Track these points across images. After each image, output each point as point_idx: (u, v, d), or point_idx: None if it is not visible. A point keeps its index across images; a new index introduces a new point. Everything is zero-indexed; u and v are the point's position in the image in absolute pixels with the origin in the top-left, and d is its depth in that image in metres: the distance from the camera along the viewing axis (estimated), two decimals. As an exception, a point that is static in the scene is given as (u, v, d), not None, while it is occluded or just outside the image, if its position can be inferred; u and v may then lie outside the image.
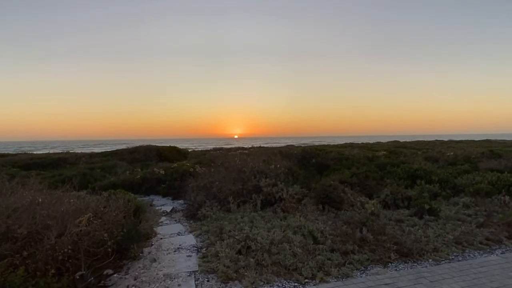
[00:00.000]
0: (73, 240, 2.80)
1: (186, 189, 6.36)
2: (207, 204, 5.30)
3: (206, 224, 4.65)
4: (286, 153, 10.38)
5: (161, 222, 5.08)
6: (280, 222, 4.37)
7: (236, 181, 5.75)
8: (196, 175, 7.19)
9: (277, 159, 7.53)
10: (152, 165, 10.63)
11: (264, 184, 5.56)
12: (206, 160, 10.95)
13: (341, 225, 4.15)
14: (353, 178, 6.59)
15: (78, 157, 13.32)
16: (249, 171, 5.99)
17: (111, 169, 9.76)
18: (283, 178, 6.16)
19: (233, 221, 4.54)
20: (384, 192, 5.73)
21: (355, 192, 5.89)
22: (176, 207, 6.24)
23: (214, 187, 5.72)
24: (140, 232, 3.82)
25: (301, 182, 6.59)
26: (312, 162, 9.17)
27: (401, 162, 8.72)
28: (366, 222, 4.12)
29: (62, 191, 3.71)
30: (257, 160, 6.71)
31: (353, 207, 5.19)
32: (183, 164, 9.34)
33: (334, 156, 9.74)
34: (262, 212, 4.99)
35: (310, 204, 5.31)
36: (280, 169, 6.33)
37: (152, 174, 8.09)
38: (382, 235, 3.83)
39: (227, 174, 6.02)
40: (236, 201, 5.34)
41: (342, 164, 8.79)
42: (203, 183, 6.09)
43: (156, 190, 7.60)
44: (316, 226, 4.11)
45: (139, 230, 3.80)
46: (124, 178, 7.98)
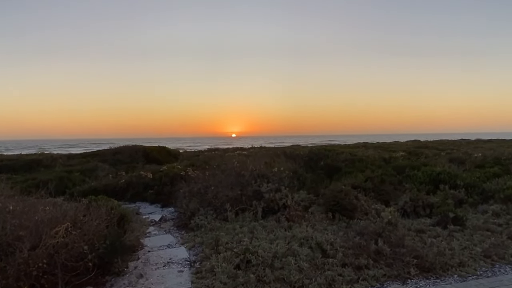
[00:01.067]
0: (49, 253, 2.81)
1: (177, 195, 6.37)
2: (201, 212, 5.31)
3: (200, 235, 4.65)
4: (291, 154, 10.38)
5: (148, 232, 5.09)
6: (284, 232, 4.37)
7: (234, 186, 5.75)
8: (189, 179, 7.19)
9: (280, 161, 7.54)
10: (139, 168, 10.63)
11: (266, 190, 5.56)
12: (200, 162, 10.95)
13: (354, 236, 4.15)
14: (368, 183, 6.58)
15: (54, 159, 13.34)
16: (248, 174, 5.99)
17: (91, 172, 9.77)
18: (288, 183, 6.15)
19: (231, 231, 4.54)
20: (403, 199, 5.73)
21: (369, 198, 5.89)
22: (166, 215, 6.24)
23: (209, 192, 5.73)
24: (125, 244, 3.83)
25: (308, 187, 6.59)
26: (320, 165, 9.16)
27: (422, 164, 8.71)
28: (382, 233, 4.12)
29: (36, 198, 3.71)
30: (258, 162, 6.71)
31: (367, 215, 5.19)
32: (173, 166, 9.34)
33: (345, 157, 9.74)
34: (263, 221, 5.00)
35: (318, 212, 5.31)
36: (284, 173, 6.33)
37: (138, 178, 8.09)
38: (401, 248, 3.83)
39: (223, 178, 6.03)
40: (234, 208, 5.34)
41: (354, 166, 8.78)
42: (196, 188, 6.09)
43: (143, 196, 7.61)
44: (325, 237, 4.11)
45: (123, 242, 3.81)
46: (107, 182, 7.99)
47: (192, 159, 13.22)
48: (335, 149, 11.37)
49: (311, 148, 12.52)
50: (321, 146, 13.97)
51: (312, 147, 13.25)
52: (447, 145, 20.17)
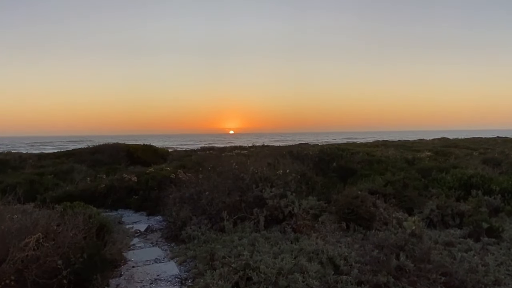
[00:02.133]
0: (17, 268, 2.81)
1: (165, 201, 6.38)
2: (193, 222, 5.32)
3: (193, 247, 4.66)
4: (298, 155, 10.38)
5: (133, 245, 5.10)
6: (291, 245, 4.37)
7: (232, 191, 5.75)
8: (179, 183, 7.19)
9: (286, 162, 7.55)
10: (121, 170, 10.65)
11: (269, 195, 5.56)
12: (192, 163, 10.96)
13: (371, 250, 4.14)
14: (388, 187, 6.58)
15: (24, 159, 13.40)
16: (249, 177, 6.00)
17: (66, 174, 9.80)
18: (295, 187, 6.13)
19: (228, 243, 4.55)
20: (429, 206, 5.71)
21: (389, 205, 5.88)
22: (153, 225, 6.24)
23: (203, 198, 5.73)
24: (105, 258, 3.83)
25: (318, 193, 6.59)
26: (332, 166, 9.16)
27: (451, 166, 8.70)
28: (404, 246, 4.11)
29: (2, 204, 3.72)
30: (260, 164, 6.72)
31: (387, 225, 5.19)
32: (161, 168, 9.35)
33: (361, 158, 9.75)
34: (266, 232, 5.00)
35: (330, 221, 5.31)
36: (291, 175, 6.33)
37: (120, 182, 8.11)
38: (426, 263, 3.83)
39: (220, 182, 6.03)
40: (232, 217, 5.34)
41: (372, 168, 8.78)
42: (188, 194, 6.09)
43: (126, 203, 7.63)
44: (338, 250, 4.11)
45: (104, 256, 3.81)
46: (84, 187, 8.01)
47: (183, 159, 13.24)
48: (350, 149, 11.37)
49: (322, 147, 12.52)
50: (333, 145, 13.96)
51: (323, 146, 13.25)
52: (480, 144, 20.14)
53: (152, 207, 7.12)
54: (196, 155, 15.14)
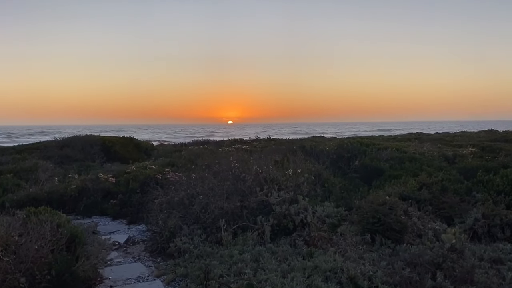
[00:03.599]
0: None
1: (150, 207, 6.41)
2: (184, 232, 5.34)
3: (183, 263, 4.69)
4: (312, 150, 10.37)
5: (110, 260, 5.13)
6: (303, 262, 4.38)
7: (232, 195, 5.77)
8: (167, 184, 7.21)
9: (297, 159, 7.53)
10: (95, 168, 10.70)
11: (277, 200, 5.56)
12: (183, 160, 10.98)
13: (402, 268, 4.15)
14: (423, 192, 6.56)
15: (-23, 155, 13.44)
16: (252, 178, 6.01)
17: (29, 173, 9.83)
18: (308, 191, 6.13)
19: (227, 259, 4.56)
20: (473, 215, 5.69)
21: (424, 214, 5.88)
22: (135, 235, 6.27)
23: (196, 204, 5.75)
24: (77, 275, 3.87)
25: (336, 197, 6.59)
26: (354, 165, 9.14)
27: (500, 165, 8.63)
28: (442, 263, 4.11)
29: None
30: (265, 161, 6.71)
31: (422, 238, 5.19)
32: (145, 166, 9.38)
33: (390, 154, 9.70)
34: (273, 245, 5.02)
35: (352, 233, 5.30)
36: (303, 176, 6.34)
37: (95, 183, 8.15)
38: (469, 285, 3.82)
39: (216, 183, 6.05)
40: (231, 227, 5.36)
41: (403, 168, 8.74)
42: (177, 198, 6.12)
43: (102, 209, 7.68)
44: (361, 269, 4.11)
45: (75, 273, 3.84)
46: (51, 188, 8.05)
47: (171, 155, 13.27)
48: (376, 143, 11.32)
49: (341, 141, 12.47)
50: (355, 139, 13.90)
51: (342, 140, 13.21)
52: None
53: (133, 214, 7.15)
54: (187, 150, 15.15)
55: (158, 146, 20.34)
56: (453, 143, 15.71)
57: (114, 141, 14.95)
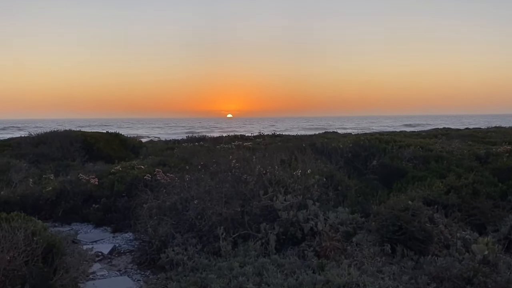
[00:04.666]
0: None
1: (138, 212, 6.44)
2: (177, 241, 5.36)
3: (176, 278, 4.70)
4: (323, 148, 10.34)
5: (93, 273, 5.16)
6: (313, 275, 4.39)
7: (231, 199, 5.78)
8: (157, 187, 7.23)
9: (307, 158, 7.53)
10: (76, 168, 10.72)
11: (283, 205, 5.57)
12: (175, 159, 10.98)
13: (427, 283, 4.15)
14: (451, 196, 6.54)
15: None
16: (254, 180, 6.02)
17: (0, 174, 9.89)
18: (319, 194, 6.13)
19: (226, 272, 4.58)
20: (508, 222, 5.68)
21: (453, 221, 5.86)
22: (120, 245, 6.31)
23: (191, 209, 5.78)
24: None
25: (351, 202, 6.59)
26: (372, 165, 9.13)
27: (541, 165, 8.60)
28: (473, 278, 4.11)
29: None
30: (270, 161, 6.72)
31: (450, 249, 5.18)
32: (132, 166, 9.40)
33: (413, 153, 9.67)
34: (278, 256, 5.03)
35: (369, 242, 5.31)
36: (313, 178, 6.34)
37: (75, 185, 8.17)
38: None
39: (214, 186, 6.06)
40: (231, 235, 5.38)
41: (429, 168, 8.72)
42: (169, 202, 6.14)
43: (83, 214, 7.71)
44: (380, 284, 4.12)
45: (53, 287, 3.86)
46: (25, 191, 8.08)
47: (162, 154, 13.25)
48: (397, 140, 11.28)
49: (357, 137, 12.44)
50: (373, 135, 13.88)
51: (359, 136, 13.18)
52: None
53: (119, 221, 7.18)
54: (180, 147, 15.15)
55: (148, 143, 20.37)
56: (485, 140, 15.64)
57: (97, 138, 14.98)
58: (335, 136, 19.72)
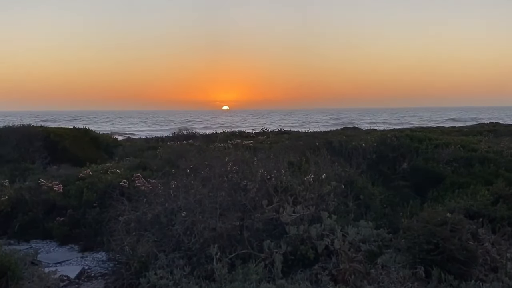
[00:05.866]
0: None
1: (112, 227, 6.40)
2: (161, 262, 5.35)
3: (159, 307, 4.70)
4: (341, 148, 10.32)
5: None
6: (328, 305, 4.39)
7: (228, 211, 5.77)
8: (136, 195, 7.21)
9: (321, 160, 7.50)
10: (36, 172, 10.72)
11: (292, 218, 5.57)
12: (159, 161, 10.98)
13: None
14: (499, 207, 6.53)
15: None
16: (256, 187, 6.00)
17: None
18: (336, 205, 6.11)
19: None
20: None
21: (501, 238, 5.85)
22: (91, 267, 6.32)
23: (178, 223, 5.76)
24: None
25: (376, 214, 6.58)
26: (402, 169, 9.11)
27: None
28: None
29: None
30: (276, 163, 6.71)
31: (498, 272, 5.16)
32: (106, 169, 9.39)
33: (453, 154, 9.65)
34: (286, 281, 5.02)
35: (398, 264, 5.30)
36: (329, 184, 6.33)
37: (35, 193, 8.17)
38: None
39: (206, 194, 6.05)
40: (228, 255, 5.36)
41: (472, 173, 8.70)
42: (151, 214, 6.12)
43: (44, 229, 7.71)
44: (411, 315, 4.10)
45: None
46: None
47: (143, 154, 13.27)
48: (433, 138, 11.25)
49: (383, 134, 12.41)
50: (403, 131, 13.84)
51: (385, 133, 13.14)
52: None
53: (89, 237, 7.18)
54: (165, 147, 15.16)
55: (125, 141, 20.42)
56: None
57: (62, 135, 14.99)
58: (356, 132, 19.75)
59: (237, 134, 22.49)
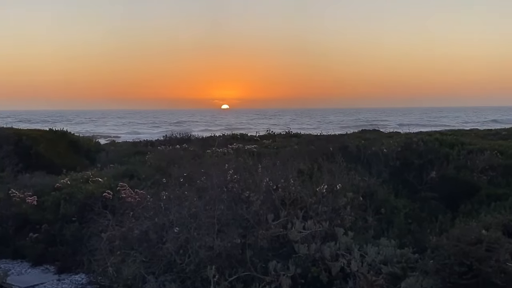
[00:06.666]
0: None
1: (93, 244, 6.41)
2: (149, 286, 5.36)
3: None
4: (359, 154, 10.30)
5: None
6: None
7: (227, 226, 5.78)
8: (121, 208, 7.21)
9: (336, 168, 7.50)
10: (6, 181, 10.69)
11: (302, 236, 5.56)
12: (148, 168, 10.98)
13: None
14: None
15: None
16: (260, 199, 6.02)
17: None
18: (353, 220, 6.11)
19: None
20: None
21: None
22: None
23: (169, 241, 5.76)
24: None
25: (400, 231, 6.58)
26: (430, 178, 9.08)
27: None
28: None
29: None
30: (283, 171, 6.70)
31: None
32: (86, 178, 9.39)
33: (489, 161, 9.62)
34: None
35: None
36: (345, 196, 6.34)
37: (4, 206, 8.18)
38: None
39: (202, 207, 6.07)
40: (227, 278, 5.36)
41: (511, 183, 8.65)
42: (139, 231, 6.13)
43: (15, 247, 7.73)
44: None
45: None
46: None
47: (129, 161, 13.26)
48: (466, 142, 11.22)
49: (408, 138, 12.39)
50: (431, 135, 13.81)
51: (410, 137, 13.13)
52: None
53: (66, 257, 7.19)
54: (155, 152, 15.18)
55: (109, 145, 20.42)
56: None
57: (36, 138, 15.00)
58: (376, 135, 19.69)
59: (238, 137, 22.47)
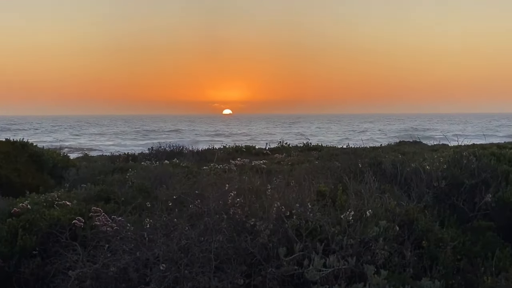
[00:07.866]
0: None
1: (58, 285, 6.44)
2: None
3: None
4: (395, 172, 10.29)
5: None
6: None
7: (227, 262, 5.82)
8: (94, 239, 7.20)
9: (365, 189, 7.49)
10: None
11: (322, 275, 5.57)
12: (129, 189, 11.00)
13: None
14: None
15: None
16: (270, 228, 6.05)
17: None
18: (386, 256, 6.11)
19: None
20: None
21: None
22: None
23: (154, 280, 5.77)
24: None
25: (446, 270, 6.58)
26: (484, 203, 9.04)
27: None
28: None
29: None
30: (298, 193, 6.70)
31: None
32: (52, 201, 9.39)
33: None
34: None
35: None
36: (377, 224, 6.35)
37: None
38: None
39: (196, 237, 6.11)
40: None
41: None
42: (116, 268, 6.14)
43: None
44: None
45: None
46: None
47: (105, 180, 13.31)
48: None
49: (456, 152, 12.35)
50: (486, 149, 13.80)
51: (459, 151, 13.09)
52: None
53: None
54: (138, 168, 15.25)
55: (80, 160, 20.51)
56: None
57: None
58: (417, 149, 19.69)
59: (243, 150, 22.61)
